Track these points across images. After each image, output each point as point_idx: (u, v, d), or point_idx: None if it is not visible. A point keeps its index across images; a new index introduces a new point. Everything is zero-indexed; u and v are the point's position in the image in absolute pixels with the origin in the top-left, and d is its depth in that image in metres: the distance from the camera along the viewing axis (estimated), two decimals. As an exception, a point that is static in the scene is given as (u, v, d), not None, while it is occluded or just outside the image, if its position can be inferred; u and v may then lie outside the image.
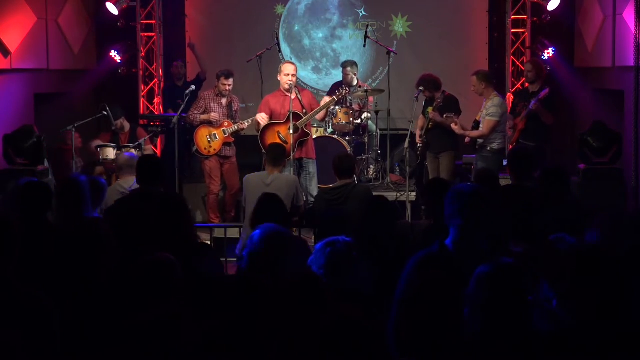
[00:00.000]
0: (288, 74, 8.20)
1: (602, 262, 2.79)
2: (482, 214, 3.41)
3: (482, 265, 2.92)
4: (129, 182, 6.51)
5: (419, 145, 8.56)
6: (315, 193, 8.04)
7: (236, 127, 8.45)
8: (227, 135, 8.50)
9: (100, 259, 3.42)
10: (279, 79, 8.32)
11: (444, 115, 8.18)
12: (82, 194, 4.66)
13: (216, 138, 8.52)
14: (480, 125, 8.17)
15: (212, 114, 8.47)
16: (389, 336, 2.71)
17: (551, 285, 3.07)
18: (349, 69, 9.68)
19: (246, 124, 8.48)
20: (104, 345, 3.08)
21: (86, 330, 3.19)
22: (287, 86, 8.18)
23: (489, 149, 8.15)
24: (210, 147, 8.53)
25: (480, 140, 8.19)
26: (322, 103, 8.54)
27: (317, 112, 8.37)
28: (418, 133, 8.62)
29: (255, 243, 3.91)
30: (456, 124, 8.17)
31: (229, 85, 8.49)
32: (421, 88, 8.45)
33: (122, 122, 8.98)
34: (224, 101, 8.56)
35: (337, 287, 3.76)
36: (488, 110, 8.12)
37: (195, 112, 8.54)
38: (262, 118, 8.22)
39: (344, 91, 8.82)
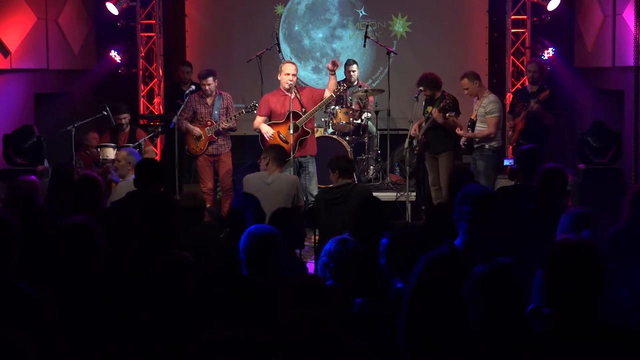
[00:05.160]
0: (288, 74, 8.20)
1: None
2: (490, 216, 3.40)
3: (478, 266, 2.92)
4: None
5: (415, 145, 8.54)
6: (315, 192, 8.04)
7: (217, 126, 8.52)
8: (210, 134, 8.58)
9: (91, 257, 3.41)
10: (279, 78, 8.30)
11: (447, 114, 8.15)
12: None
13: (201, 137, 8.61)
14: (478, 124, 8.14)
15: (196, 130, 8.58)
16: (400, 333, 2.72)
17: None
18: (355, 66, 9.72)
19: (227, 123, 8.53)
20: (100, 345, 3.08)
21: (83, 330, 3.19)
22: (287, 86, 8.18)
23: (487, 147, 8.13)
24: (197, 146, 8.66)
25: (477, 139, 8.18)
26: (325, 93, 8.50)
27: (317, 110, 8.37)
28: (414, 127, 8.57)
29: (243, 246, 3.91)
30: (461, 128, 8.14)
31: (208, 84, 8.57)
32: (421, 88, 8.44)
33: (128, 117, 9.05)
34: (209, 101, 8.65)
35: (344, 287, 3.77)
36: (487, 108, 8.10)
37: (184, 116, 8.62)
38: (267, 132, 8.19)
39: (342, 87, 8.80)
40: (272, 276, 3.74)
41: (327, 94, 8.31)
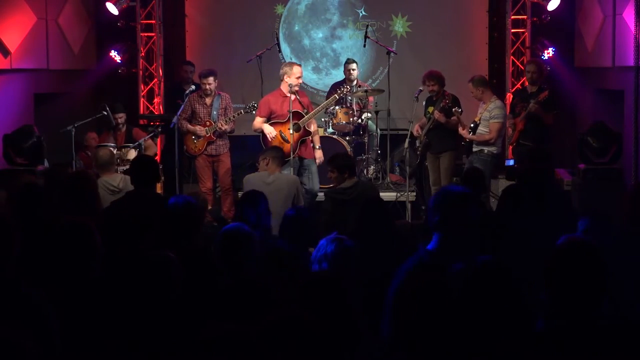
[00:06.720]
0: (299, 77, 8.21)
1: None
2: (464, 217, 3.30)
3: (457, 263, 2.89)
4: (116, 179, 6.68)
5: (417, 145, 8.55)
6: (317, 188, 8.13)
7: (215, 127, 8.52)
8: (208, 134, 8.58)
9: (88, 257, 3.42)
10: (286, 79, 8.15)
11: (453, 109, 8.15)
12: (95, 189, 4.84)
13: (200, 137, 8.60)
14: (481, 128, 8.13)
15: (198, 128, 8.60)
16: (384, 336, 2.71)
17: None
18: (354, 64, 9.73)
19: (225, 125, 8.53)
20: (99, 345, 3.08)
21: (82, 330, 3.19)
22: (297, 88, 8.16)
23: (486, 151, 8.11)
24: (196, 146, 8.67)
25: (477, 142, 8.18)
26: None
27: (319, 111, 8.39)
28: (416, 128, 8.58)
29: (215, 245, 3.91)
30: (463, 127, 8.13)
31: (209, 84, 8.58)
32: (420, 88, 8.45)
33: (124, 116, 9.04)
34: (207, 101, 8.66)
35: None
36: (491, 113, 8.09)
37: (183, 116, 8.63)
38: (270, 132, 8.17)
39: (345, 89, 8.83)
40: (246, 274, 3.75)
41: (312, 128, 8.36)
